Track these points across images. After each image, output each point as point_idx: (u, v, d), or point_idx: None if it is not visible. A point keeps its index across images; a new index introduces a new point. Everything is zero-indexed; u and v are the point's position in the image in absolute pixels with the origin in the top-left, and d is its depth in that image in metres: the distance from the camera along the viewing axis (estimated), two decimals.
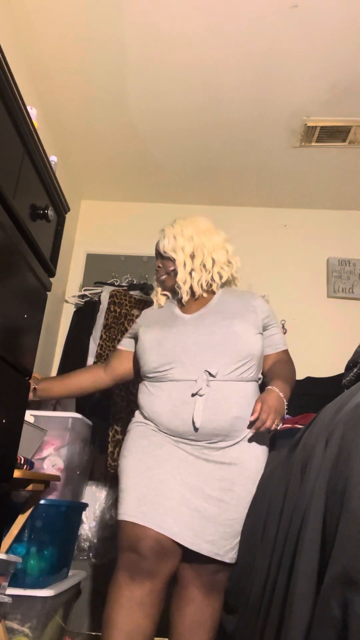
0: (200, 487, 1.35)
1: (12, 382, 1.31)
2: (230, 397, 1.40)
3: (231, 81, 2.26)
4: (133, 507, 1.32)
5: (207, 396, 1.38)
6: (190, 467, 1.37)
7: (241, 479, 1.38)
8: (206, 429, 1.37)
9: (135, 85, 2.32)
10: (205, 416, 1.37)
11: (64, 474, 1.92)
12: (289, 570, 0.82)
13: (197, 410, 1.36)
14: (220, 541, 1.33)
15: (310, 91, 2.29)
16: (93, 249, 3.20)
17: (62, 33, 2.06)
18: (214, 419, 1.37)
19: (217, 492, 1.35)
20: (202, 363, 1.40)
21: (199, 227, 1.62)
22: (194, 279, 1.56)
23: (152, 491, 1.32)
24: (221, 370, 1.40)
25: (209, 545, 1.32)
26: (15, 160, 1.26)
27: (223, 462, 1.39)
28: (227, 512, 1.35)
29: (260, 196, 3.14)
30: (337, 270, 3.07)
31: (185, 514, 1.31)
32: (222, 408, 1.38)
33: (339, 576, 0.60)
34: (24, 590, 1.64)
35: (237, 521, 1.36)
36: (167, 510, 1.30)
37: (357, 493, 0.61)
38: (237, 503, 1.36)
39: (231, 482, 1.37)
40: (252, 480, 1.40)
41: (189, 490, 1.34)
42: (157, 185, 3.09)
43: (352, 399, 0.79)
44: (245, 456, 1.40)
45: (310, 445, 0.89)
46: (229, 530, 1.35)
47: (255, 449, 1.43)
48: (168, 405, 1.41)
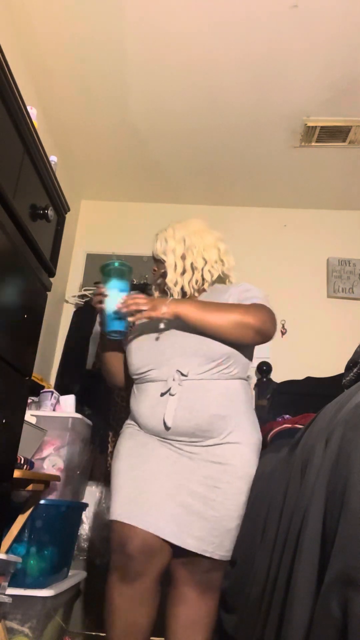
0: (185, 484, 1.36)
1: (12, 382, 1.31)
2: (206, 396, 1.40)
3: (231, 81, 2.26)
4: (119, 506, 1.35)
5: (182, 395, 1.39)
6: (174, 464, 1.38)
7: (226, 477, 1.38)
8: (181, 427, 1.38)
9: (135, 85, 2.32)
10: (180, 415, 1.38)
11: (64, 474, 1.92)
12: (289, 570, 0.82)
13: (169, 409, 1.38)
14: (207, 537, 1.33)
15: (310, 91, 2.29)
16: (93, 249, 3.20)
17: (62, 33, 2.06)
18: (189, 418, 1.38)
19: (202, 489, 1.36)
20: (176, 364, 1.42)
21: (190, 228, 1.64)
22: (185, 279, 1.57)
23: (136, 489, 1.35)
24: (194, 370, 1.41)
25: (196, 541, 1.32)
26: (15, 160, 1.26)
27: (207, 461, 1.38)
28: (212, 509, 1.35)
29: (260, 196, 3.14)
30: (337, 270, 3.07)
31: (169, 509, 1.33)
32: (197, 406, 1.38)
33: (339, 576, 0.60)
34: (24, 590, 1.64)
35: (224, 518, 1.35)
36: (152, 507, 1.32)
37: (357, 493, 0.61)
38: (223, 500, 1.36)
39: (216, 480, 1.37)
40: (238, 478, 1.39)
41: (174, 486, 1.35)
42: (157, 185, 3.09)
43: (352, 399, 0.79)
44: (230, 455, 1.40)
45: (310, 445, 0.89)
46: (216, 527, 1.34)
47: (242, 449, 1.42)
48: (147, 405, 1.45)
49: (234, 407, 1.42)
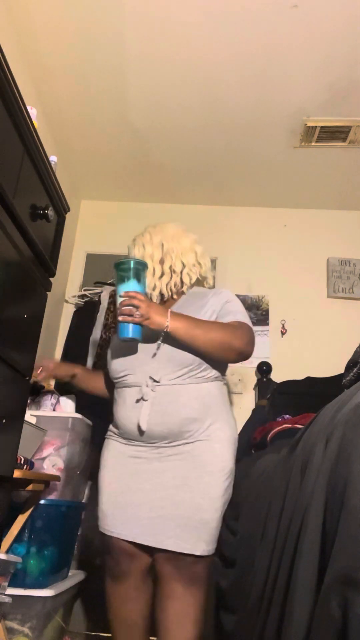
0: (155, 489, 1.42)
1: (12, 382, 1.31)
2: (178, 400, 1.44)
3: (231, 81, 2.26)
4: (102, 520, 1.49)
5: (154, 400, 1.44)
6: (144, 473, 1.45)
7: (194, 473, 1.42)
8: (155, 432, 1.44)
9: (135, 85, 2.32)
10: (153, 420, 1.43)
11: (64, 474, 1.92)
12: (289, 570, 0.82)
13: (143, 414, 1.44)
14: (182, 535, 1.38)
15: (310, 91, 2.29)
16: (93, 249, 3.20)
17: (62, 33, 2.06)
18: (161, 422, 1.43)
19: (171, 490, 1.41)
20: (149, 370, 1.47)
21: (167, 232, 1.67)
22: (163, 282, 1.61)
23: (113, 503, 1.47)
24: (166, 376, 1.46)
25: (172, 540, 1.38)
26: (15, 160, 1.26)
27: (175, 459, 1.44)
28: (182, 507, 1.40)
29: (260, 196, 3.14)
30: (337, 270, 3.07)
31: (143, 517, 1.41)
32: (170, 411, 1.43)
33: (339, 576, 0.60)
34: (24, 590, 1.64)
35: (196, 513, 1.39)
36: (128, 518, 1.43)
37: (357, 493, 0.61)
38: (191, 496, 1.40)
39: (183, 476, 1.42)
40: (207, 472, 1.42)
41: (145, 496, 1.43)
42: (157, 185, 3.09)
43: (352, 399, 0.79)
44: (199, 451, 1.44)
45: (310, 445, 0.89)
46: (189, 524, 1.39)
47: (212, 445, 1.45)
48: (123, 410, 1.51)
49: (206, 408, 1.47)
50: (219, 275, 3.08)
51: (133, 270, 1.43)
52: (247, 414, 2.65)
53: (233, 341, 1.46)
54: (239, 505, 1.49)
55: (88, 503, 2.29)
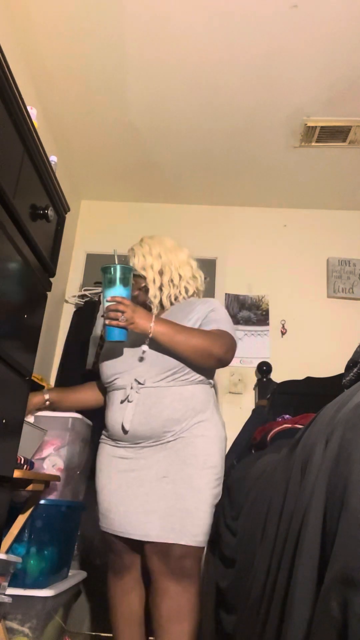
0: (141, 486, 1.49)
1: (12, 382, 1.31)
2: (161, 401, 1.51)
3: (231, 81, 2.26)
4: (101, 519, 1.58)
5: (139, 402, 1.51)
6: (131, 472, 1.52)
7: (175, 465, 1.47)
8: (137, 432, 1.51)
9: (135, 85, 2.32)
10: (136, 420, 1.50)
11: (64, 474, 1.92)
12: (289, 570, 0.82)
13: (127, 415, 1.51)
14: (167, 525, 1.42)
15: (310, 91, 2.29)
16: (93, 249, 3.20)
17: (62, 33, 2.06)
18: (144, 422, 1.50)
19: (154, 484, 1.47)
20: (135, 373, 1.54)
21: (165, 245, 1.73)
22: (164, 294, 1.68)
23: (107, 505, 1.56)
24: (151, 378, 1.52)
25: (157, 531, 1.43)
26: (15, 160, 1.26)
27: (159, 456, 1.50)
28: (164, 499, 1.45)
29: (260, 196, 3.14)
30: (337, 270, 3.07)
31: (132, 514, 1.48)
32: (152, 412, 1.50)
33: (339, 576, 0.60)
34: (24, 590, 1.64)
35: (177, 501, 1.44)
36: (121, 516, 1.51)
37: (357, 493, 0.61)
38: (173, 487, 1.45)
39: (165, 470, 1.48)
40: (188, 464, 1.47)
41: (133, 492, 1.50)
42: (157, 185, 3.09)
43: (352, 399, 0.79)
44: (180, 446, 1.49)
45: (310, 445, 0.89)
46: (174, 513, 1.43)
47: (194, 440, 1.50)
48: (110, 412, 1.60)
49: (190, 410, 1.52)
50: (219, 275, 3.09)
51: (120, 275, 1.48)
52: (247, 414, 2.65)
53: (213, 349, 1.52)
54: (239, 505, 1.50)
55: (88, 503, 2.30)
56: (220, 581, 1.53)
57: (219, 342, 1.54)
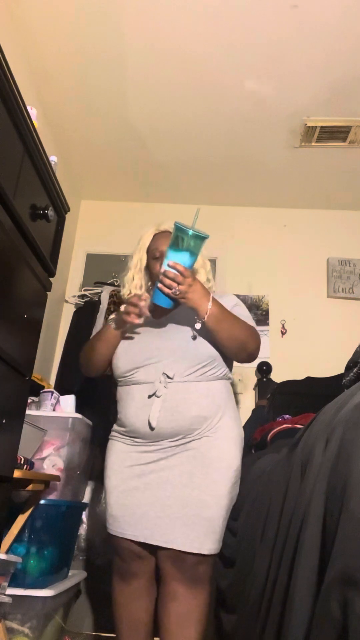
0: (163, 489, 1.42)
1: (12, 382, 1.31)
2: (189, 397, 1.44)
3: (231, 81, 2.26)
4: (112, 523, 1.49)
5: (166, 397, 1.44)
6: (152, 473, 1.45)
7: (201, 469, 1.42)
8: (164, 429, 1.43)
9: (135, 85, 2.32)
10: (163, 417, 1.43)
11: (64, 474, 1.93)
12: (288, 570, 0.82)
13: (154, 411, 1.43)
14: (191, 534, 1.38)
15: (310, 91, 2.29)
16: (93, 249, 3.20)
17: (62, 33, 2.06)
18: (172, 419, 1.43)
19: (178, 488, 1.41)
20: (163, 367, 1.46)
21: None
22: (202, 279, 1.61)
23: (121, 507, 1.47)
24: (180, 372, 1.45)
25: (181, 539, 1.38)
26: (15, 160, 1.26)
27: (184, 456, 1.43)
28: (189, 505, 1.39)
29: (260, 196, 3.14)
30: (337, 270, 3.07)
31: (152, 517, 1.41)
32: (181, 408, 1.43)
33: (339, 576, 0.60)
34: (24, 590, 1.64)
35: (203, 509, 1.39)
36: (138, 519, 1.43)
37: (357, 493, 0.61)
38: (198, 493, 1.40)
39: (190, 474, 1.42)
40: (214, 469, 1.42)
41: (152, 495, 1.43)
42: (157, 185, 3.09)
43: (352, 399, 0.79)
44: (205, 447, 1.44)
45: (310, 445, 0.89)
46: (197, 522, 1.38)
47: (219, 442, 1.46)
48: (132, 407, 1.49)
49: (215, 407, 1.47)
50: (219, 275, 3.08)
51: (192, 242, 1.34)
52: (247, 414, 2.65)
53: (249, 343, 1.50)
54: (238, 505, 1.49)
55: (90, 503, 2.30)
56: (220, 581, 1.52)
57: (254, 338, 1.52)
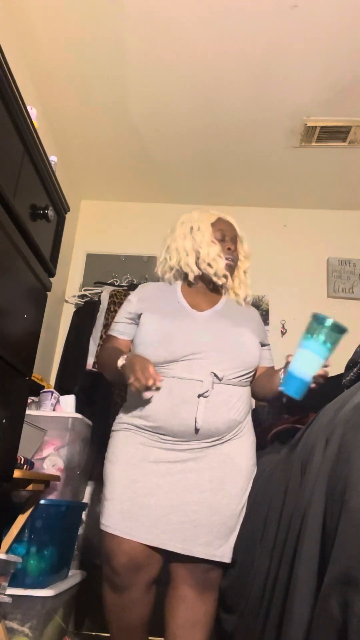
0: (189, 492, 1.34)
1: (12, 382, 1.31)
2: (229, 400, 1.41)
3: (231, 81, 2.26)
4: (116, 521, 1.33)
5: (210, 398, 1.36)
6: (178, 474, 1.35)
7: (231, 476, 1.38)
8: (203, 430, 1.36)
9: (135, 85, 2.32)
10: (204, 417, 1.35)
11: (64, 474, 1.93)
12: (289, 570, 0.82)
13: (200, 411, 1.34)
14: (214, 542, 1.34)
15: (310, 91, 2.29)
16: (93, 249, 3.20)
17: (62, 33, 2.06)
18: (212, 421, 1.36)
19: (207, 494, 1.34)
20: (210, 365, 1.38)
21: (193, 218, 1.70)
22: (235, 282, 1.73)
23: (136, 505, 1.33)
24: (229, 374, 1.41)
25: (203, 548, 1.33)
26: (15, 160, 1.26)
27: (213, 460, 1.38)
28: (218, 513, 1.34)
29: (260, 196, 3.14)
30: (337, 270, 3.07)
31: (174, 522, 1.32)
32: (221, 410, 1.38)
33: (339, 576, 0.60)
34: (24, 590, 1.64)
35: (229, 520, 1.36)
36: (155, 521, 1.32)
37: (357, 493, 0.61)
38: (228, 501, 1.36)
39: (221, 480, 1.37)
40: (242, 476, 1.41)
41: (177, 498, 1.33)
42: (157, 185, 3.09)
43: (352, 399, 0.79)
44: (235, 453, 1.42)
45: (310, 445, 0.89)
46: (221, 530, 1.35)
47: (245, 445, 1.45)
48: (167, 403, 1.36)
49: (245, 411, 1.48)
50: None
51: (327, 332, 1.29)
52: None
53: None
54: None
55: (90, 503, 2.30)
56: (220, 581, 1.52)
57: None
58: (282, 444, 1.52)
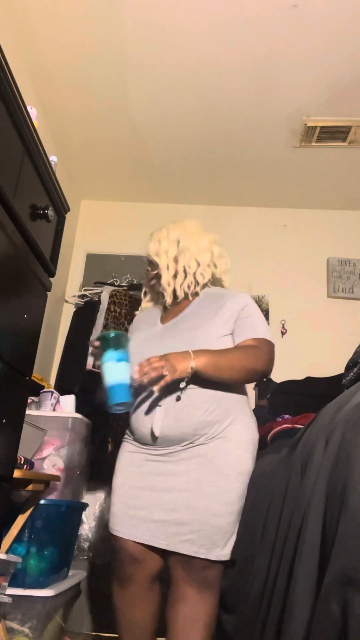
0: (169, 492, 1.40)
1: (12, 382, 1.31)
2: (193, 404, 1.41)
3: (231, 81, 2.26)
4: (113, 521, 1.46)
5: (169, 405, 1.41)
6: (159, 476, 1.42)
7: (209, 477, 1.39)
8: (169, 436, 1.41)
9: (135, 85, 2.32)
10: (167, 424, 1.40)
11: (64, 474, 1.93)
12: (288, 569, 0.82)
13: (157, 419, 1.41)
14: (198, 540, 1.36)
15: (310, 91, 2.29)
16: (93, 249, 3.20)
17: (62, 33, 2.06)
18: (175, 427, 1.40)
19: (185, 494, 1.38)
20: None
21: (185, 230, 1.62)
22: (177, 282, 1.57)
23: (126, 505, 1.44)
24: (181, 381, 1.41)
25: (187, 545, 1.36)
26: (15, 160, 1.26)
27: (191, 462, 1.40)
28: (197, 512, 1.37)
29: (260, 196, 3.14)
30: (337, 270, 3.07)
31: (156, 520, 1.39)
32: (184, 415, 1.40)
33: (339, 576, 0.60)
34: (24, 590, 1.64)
35: (211, 517, 1.37)
36: (141, 521, 1.41)
37: (357, 493, 0.61)
38: (207, 501, 1.37)
39: (198, 481, 1.39)
40: (223, 476, 1.39)
41: (158, 498, 1.40)
42: (157, 185, 3.09)
43: (352, 399, 0.79)
44: (214, 454, 1.40)
45: (310, 445, 0.89)
46: (204, 529, 1.36)
47: (227, 446, 1.42)
48: (136, 415, 1.48)
49: (222, 411, 1.43)
50: None
51: (113, 340, 1.36)
52: None
53: (257, 366, 1.43)
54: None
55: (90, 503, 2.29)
56: (221, 579, 1.52)
57: (261, 357, 1.45)
58: (282, 444, 1.52)
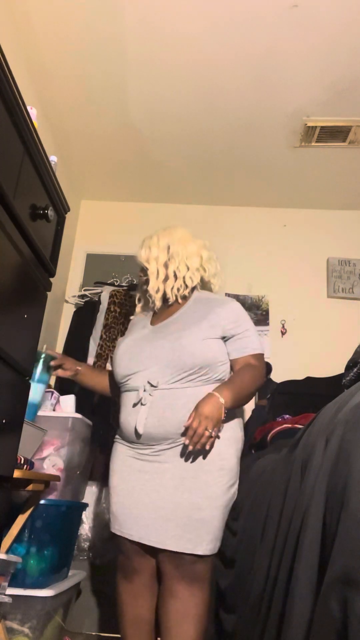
0: (157, 491, 1.46)
1: (12, 382, 1.31)
2: (175, 403, 1.47)
3: (231, 81, 2.26)
4: (113, 521, 1.55)
5: (152, 404, 1.48)
6: (147, 475, 1.49)
7: (191, 472, 1.45)
8: (153, 434, 1.47)
9: (135, 85, 2.32)
10: (150, 423, 1.47)
11: (64, 474, 1.93)
12: (288, 569, 0.82)
13: (140, 418, 1.48)
14: (184, 535, 1.40)
15: (310, 91, 2.29)
16: (93, 249, 3.20)
17: (62, 33, 2.06)
18: (158, 425, 1.46)
19: (170, 490, 1.44)
20: (148, 375, 1.51)
21: (175, 236, 1.69)
22: (167, 286, 1.64)
23: (121, 505, 1.53)
24: (164, 380, 1.49)
25: (174, 541, 1.41)
26: (15, 160, 1.26)
27: (175, 460, 1.47)
28: (180, 508, 1.42)
29: (260, 196, 3.14)
30: (337, 270, 3.07)
31: (146, 518, 1.45)
32: (167, 414, 1.46)
33: (339, 576, 0.60)
34: (24, 590, 1.64)
35: (194, 511, 1.42)
36: (134, 519, 1.48)
37: (357, 493, 0.61)
38: (189, 495, 1.43)
39: (181, 476, 1.45)
40: (204, 471, 1.45)
41: (147, 496, 1.47)
42: (157, 185, 3.09)
43: (352, 399, 0.79)
44: (196, 451, 1.44)
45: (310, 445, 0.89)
46: (189, 523, 1.41)
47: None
48: (123, 414, 1.57)
49: None
50: None
51: (42, 361, 1.66)
52: (247, 414, 2.65)
53: (260, 383, 1.58)
54: (238, 505, 1.49)
55: (90, 503, 2.29)
56: (220, 581, 1.53)
57: (261, 374, 1.57)
58: (282, 444, 1.52)
